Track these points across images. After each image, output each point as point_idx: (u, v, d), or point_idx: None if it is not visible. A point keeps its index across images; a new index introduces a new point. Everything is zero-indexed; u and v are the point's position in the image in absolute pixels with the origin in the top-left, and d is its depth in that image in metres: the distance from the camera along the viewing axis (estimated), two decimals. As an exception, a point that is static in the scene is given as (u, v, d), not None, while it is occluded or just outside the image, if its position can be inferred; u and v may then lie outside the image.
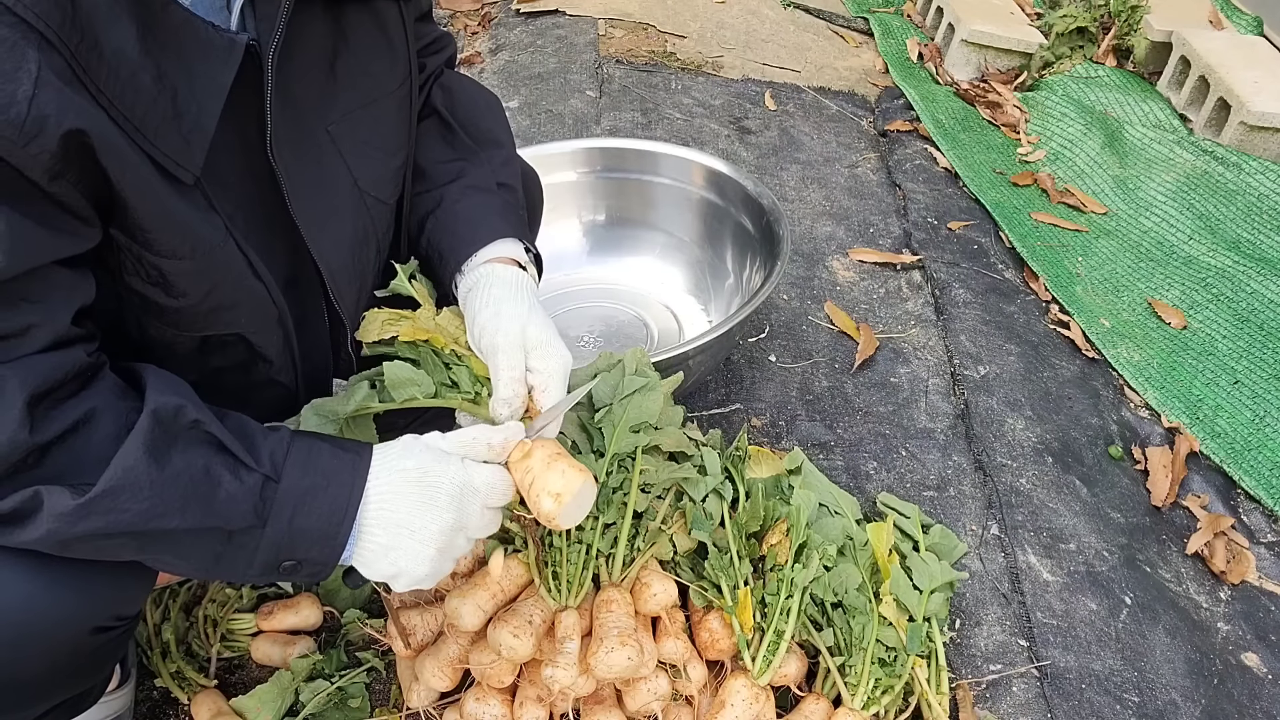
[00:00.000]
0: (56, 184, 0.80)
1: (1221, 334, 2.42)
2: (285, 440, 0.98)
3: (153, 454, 0.88)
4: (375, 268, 1.21)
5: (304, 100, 1.03)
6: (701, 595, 1.47)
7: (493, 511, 1.08)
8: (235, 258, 0.99)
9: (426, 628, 1.42)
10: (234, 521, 0.93)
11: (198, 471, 0.91)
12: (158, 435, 0.89)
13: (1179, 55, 3.24)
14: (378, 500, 1.00)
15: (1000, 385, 2.21)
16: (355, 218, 1.14)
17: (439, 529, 1.01)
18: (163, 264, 0.93)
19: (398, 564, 1.01)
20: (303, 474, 0.96)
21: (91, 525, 0.87)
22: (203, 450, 0.92)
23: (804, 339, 2.30)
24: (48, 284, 0.86)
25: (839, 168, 3.01)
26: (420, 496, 1.01)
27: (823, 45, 3.80)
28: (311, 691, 1.43)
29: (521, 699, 1.34)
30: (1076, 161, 3.10)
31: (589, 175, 2.34)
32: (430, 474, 1.02)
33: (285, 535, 0.96)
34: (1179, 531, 1.97)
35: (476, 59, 3.45)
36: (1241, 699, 1.66)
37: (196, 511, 0.91)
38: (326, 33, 1.04)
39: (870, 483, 1.93)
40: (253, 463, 0.94)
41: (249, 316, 1.05)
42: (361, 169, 1.12)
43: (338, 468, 0.99)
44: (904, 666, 1.44)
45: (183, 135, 0.88)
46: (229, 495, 0.92)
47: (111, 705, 1.35)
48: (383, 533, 1.00)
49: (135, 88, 0.83)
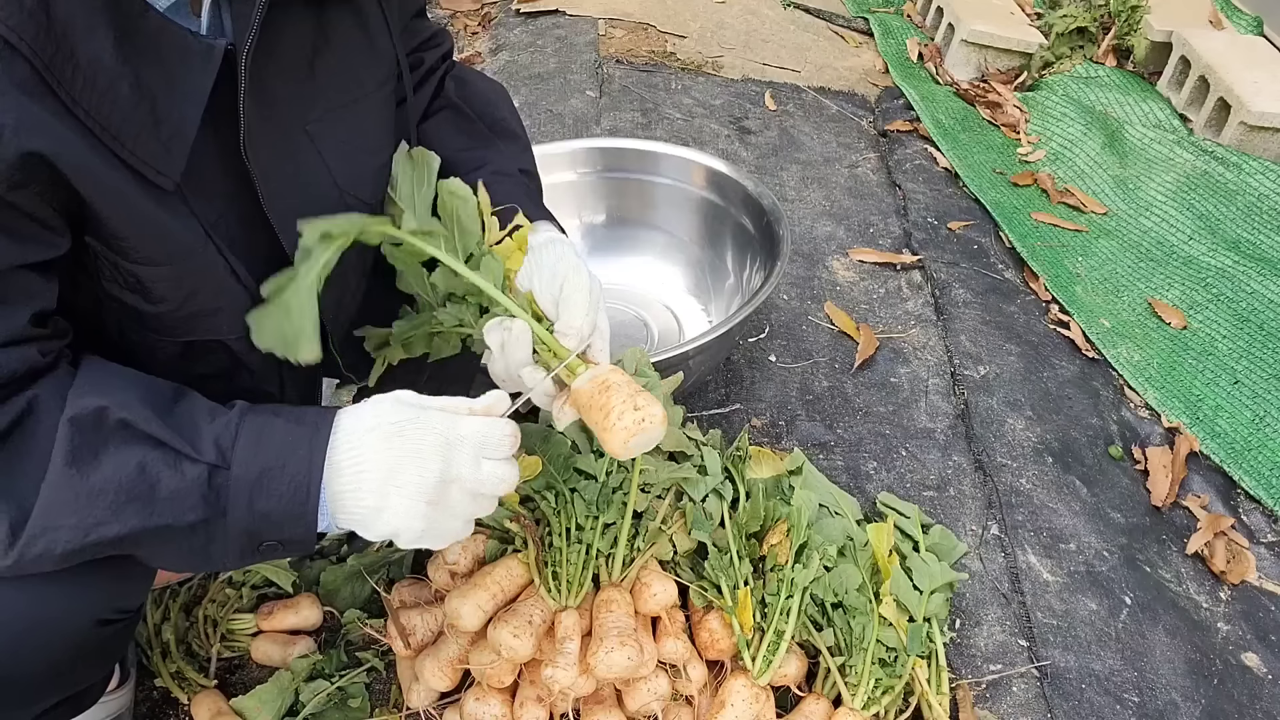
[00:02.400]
0: (17, 194, 0.79)
1: (1221, 334, 2.42)
2: (234, 421, 0.94)
3: (74, 464, 0.85)
4: (357, 268, 1.20)
5: (282, 100, 1.02)
6: (701, 595, 1.47)
7: (493, 464, 1.01)
8: (215, 262, 0.98)
9: (426, 628, 1.42)
10: (184, 516, 0.89)
11: (129, 473, 0.87)
12: (78, 443, 0.86)
13: (1179, 55, 3.24)
14: (352, 465, 0.95)
15: (1000, 385, 2.21)
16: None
17: (425, 481, 0.96)
18: (140, 271, 0.92)
19: (391, 522, 0.97)
20: (254, 456, 0.92)
21: (35, 551, 0.85)
22: (133, 449, 0.88)
23: (804, 339, 2.30)
24: (8, 287, 0.84)
25: (839, 168, 3.01)
26: (398, 450, 0.96)
27: (823, 45, 3.81)
28: (311, 691, 1.43)
29: (521, 699, 1.34)
30: (1076, 161, 3.10)
31: (589, 175, 2.34)
32: (407, 426, 0.97)
33: (249, 521, 0.92)
34: (1179, 531, 1.97)
35: (476, 59, 3.45)
36: (1241, 699, 1.66)
37: (135, 514, 0.87)
38: (306, 31, 1.03)
39: (870, 483, 1.93)
40: (194, 453, 0.90)
41: (230, 322, 1.03)
42: (341, 169, 1.11)
43: (292, 443, 0.94)
44: (904, 667, 1.44)
45: (162, 142, 0.87)
46: (171, 492, 0.89)
47: (111, 705, 1.35)
48: (369, 495, 0.95)
49: (113, 97, 0.83)
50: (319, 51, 1.05)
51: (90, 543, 0.87)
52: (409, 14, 1.27)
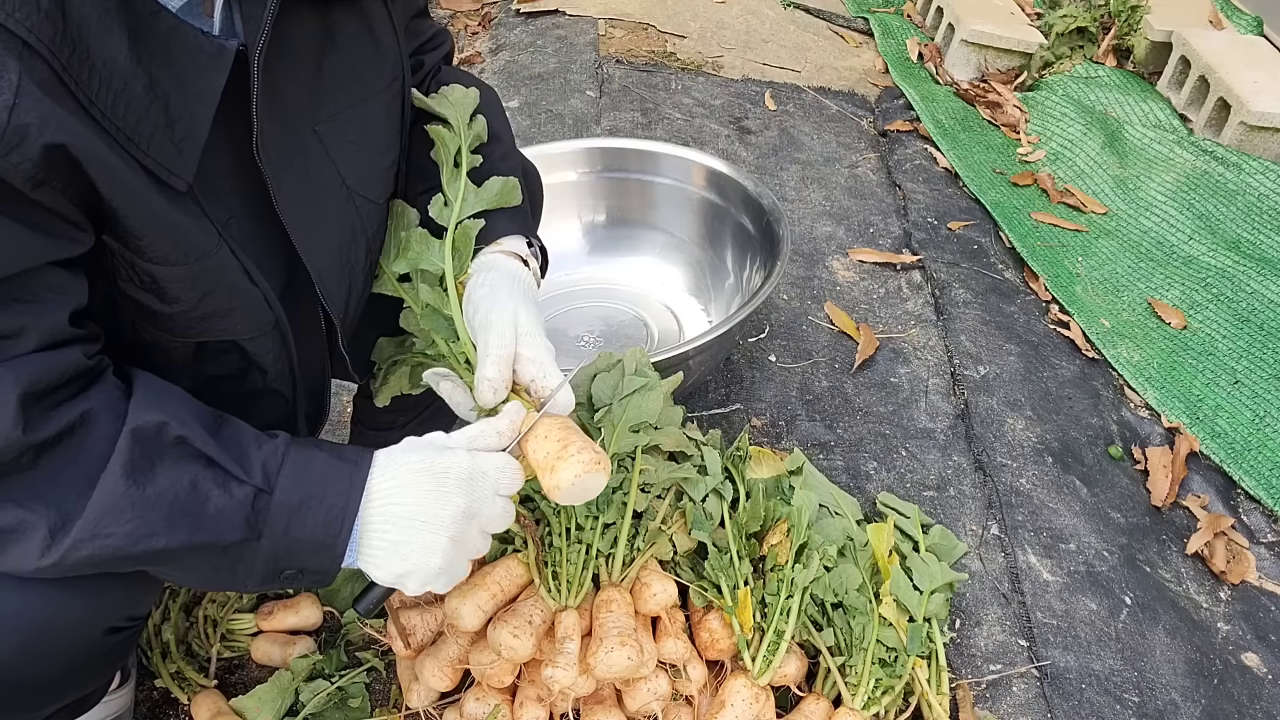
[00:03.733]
0: (41, 191, 0.80)
1: (1221, 334, 2.42)
2: (280, 449, 0.97)
3: (132, 475, 0.87)
4: (365, 268, 1.21)
5: (291, 100, 1.02)
6: (701, 595, 1.47)
7: (504, 500, 1.06)
8: (229, 263, 0.99)
9: (426, 628, 1.42)
10: (226, 536, 0.92)
11: (183, 488, 0.90)
12: (137, 455, 0.88)
13: (1179, 55, 3.24)
14: (383, 497, 0.99)
15: (1000, 385, 2.21)
16: (344, 217, 1.13)
17: (451, 515, 1.00)
18: (155, 270, 0.93)
19: (409, 559, 1.00)
20: (297, 484, 0.95)
21: (80, 555, 0.86)
22: (188, 466, 0.91)
23: (804, 339, 2.30)
24: (41, 285, 0.85)
25: (839, 168, 3.01)
26: (428, 484, 1.00)
27: (823, 45, 3.81)
28: (311, 691, 1.43)
29: (521, 699, 1.34)
30: (1076, 161, 3.10)
31: (589, 175, 2.34)
32: (437, 463, 1.01)
33: (282, 546, 0.95)
34: (1179, 531, 1.97)
35: (476, 59, 3.45)
36: (1241, 699, 1.66)
37: (184, 529, 0.90)
38: (313, 32, 1.04)
39: (870, 483, 1.93)
40: (243, 475, 0.93)
41: (244, 323, 1.05)
42: (350, 168, 1.12)
43: (334, 476, 0.98)
44: (904, 667, 1.44)
45: (175, 143, 0.88)
46: (218, 510, 0.91)
47: (112, 705, 1.35)
48: (393, 528, 0.99)
49: (128, 98, 0.83)
50: (326, 52, 1.06)
51: (137, 552, 0.89)
52: (410, 14, 1.27)
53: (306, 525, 0.95)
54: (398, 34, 1.16)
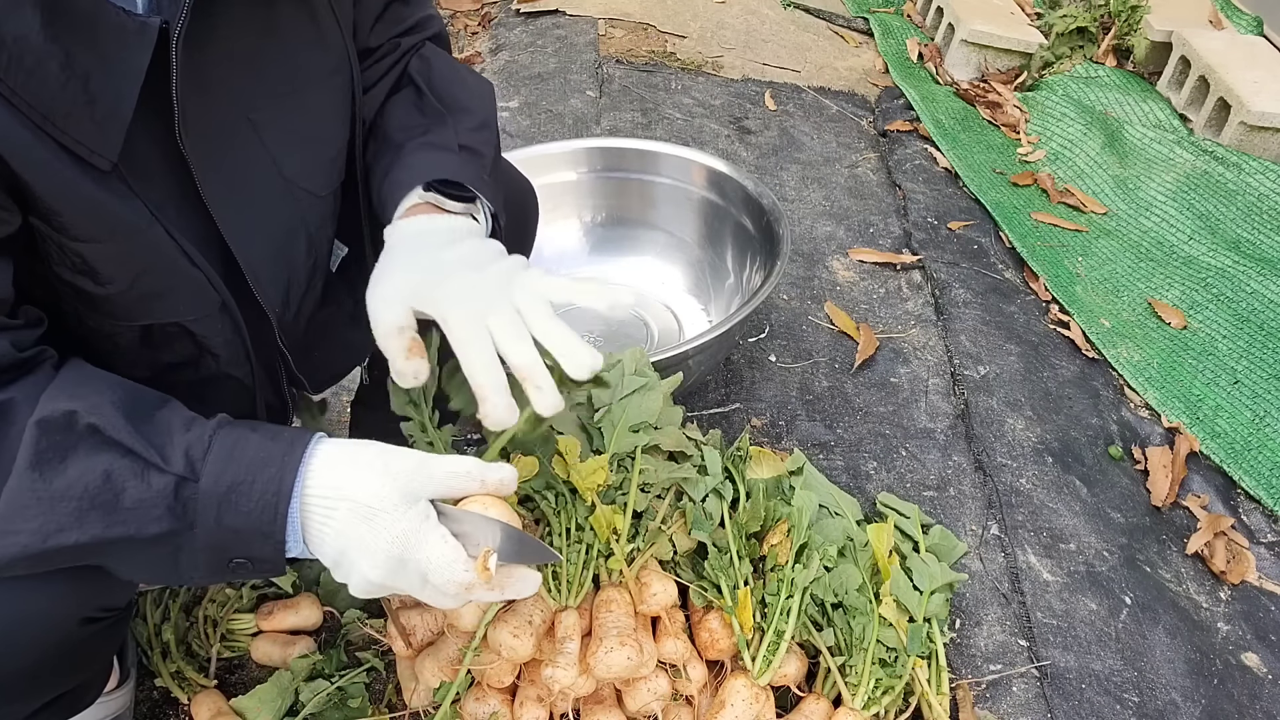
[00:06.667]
0: None
1: (1221, 334, 2.42)
2: (208, 434, 0.91)
3: (38, 468, 0.83)
4: (306, 262, 1.18)
5: (222, 87, 1.00)
6: (701, 595, 1.47)
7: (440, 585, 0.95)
8: (164, 242, 0.96)
9: (426, 628, 1.42)
10: (148, 528, 0.87)
11: (95, 480, 0.85)
12: (44, 447, 0.84)
13: (1179, 55, 3.24)
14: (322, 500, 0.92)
15: (1000, 385, 2.21)
16: (280, 208, 1.10)
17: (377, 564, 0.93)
18: (83, 249, 0.90)
19: (349, 578, 0.95)
20: (224, 469, 0.89)
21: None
22: (102, 456, 0.86)
23: (804, 339, 2.30)
24: None
25: (839, 168, 3.01)
26: (359, 533, 0.93)
27: (823, 45, 3.81)
28: (311, 691, 1.43)
29: (521, 699, 1.34)
30: (1076, 161, 3.10)
31: (589, 175, 2.34)
32: (377, 515, 0.92)
33: (218, 536, 0.90)
34: (1179, 531, 1.97)
35: (476, 59, 3.45)
36: (1241, 699, 1.66)
37: (97, 522, 0.85)
38: (250, 19, 1.02)
39: (870, 483, 1.93)
40: (161, 463, 0.87)
41: (186, 304, 1.01)
42: (288, 159, 1.09)
43: (264, 459, 0.91)
44: (904, 667, 1.44)
45: (96, 121, 0.86)
46: (136, 501, 0.86)
47: (111, 705, 1.35)
48: (333, 537, 0.93)
49: (41, 76, 0.82)
50: (264, 41, 1.04)
51: (50, 549, 0.85)
52: (380, 5, 1.25)
53: (239, 513, 0.89)
54: (340, 24, 1.13)
